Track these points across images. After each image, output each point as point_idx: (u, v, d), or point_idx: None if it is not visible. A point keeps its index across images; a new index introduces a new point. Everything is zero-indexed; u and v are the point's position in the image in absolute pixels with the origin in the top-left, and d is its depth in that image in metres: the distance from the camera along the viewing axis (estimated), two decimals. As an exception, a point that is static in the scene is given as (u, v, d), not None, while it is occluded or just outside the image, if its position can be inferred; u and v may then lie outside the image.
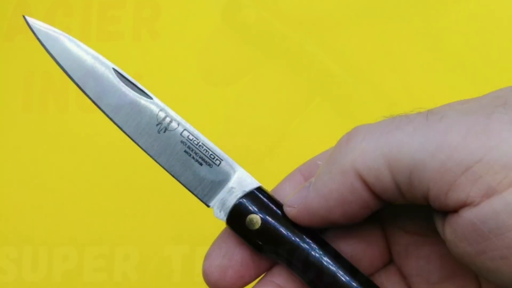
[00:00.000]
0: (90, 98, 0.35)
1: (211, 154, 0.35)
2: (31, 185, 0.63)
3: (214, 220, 0.35)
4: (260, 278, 0.36)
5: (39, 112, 0.65)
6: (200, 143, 0.35)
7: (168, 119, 0.35)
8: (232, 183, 0.35)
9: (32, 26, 0.35)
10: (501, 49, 0.60)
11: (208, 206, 0.35)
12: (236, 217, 0.34)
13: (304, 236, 0.34)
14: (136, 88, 0.35)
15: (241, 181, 0.35)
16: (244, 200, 0.34)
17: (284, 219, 0.34)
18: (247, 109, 0.64)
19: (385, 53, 0.63)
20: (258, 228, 0.34)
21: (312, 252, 0.33)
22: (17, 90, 0.66)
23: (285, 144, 0.61)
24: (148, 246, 0.60)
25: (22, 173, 0.63)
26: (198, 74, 0.65)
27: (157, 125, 0.35)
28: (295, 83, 0.64)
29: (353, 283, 0.33)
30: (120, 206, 0.62)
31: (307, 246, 0.33)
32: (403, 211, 0.35)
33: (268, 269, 0.36)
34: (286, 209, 0.34)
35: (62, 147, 0.64)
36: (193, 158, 0.35)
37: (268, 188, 0.36)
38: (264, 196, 0.35)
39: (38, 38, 0.35)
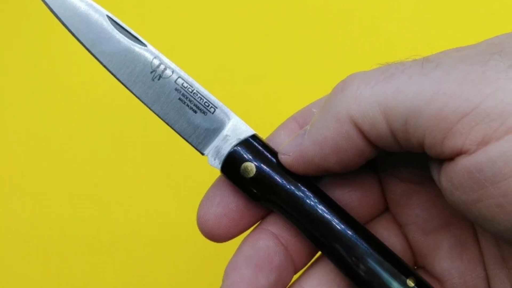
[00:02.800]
0: (84, 46, 0.35)
1: (206, 102, 0.35)
2: (25, 138, 0.63)
3: (209, 168, 0.35)
4: (255, 226, 0.36)
5: (32, 60, 0.65)
6: (194, 91, 0.35)
7: (162, 67, 0.35)
8: (226, 130, 0.35)
9: None
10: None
11: (202, 154, 0.35)
12: (231, 165, 0.34)
13: (299, 184, 0.33)
14: (130, 36, 0.35)
15: (235, 129, 0.35)
16: (239, 148, 0.34)
17: (279, 167, 0.34)
18: (242, 56, 0.63)
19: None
20: (253, 176, 0.33)
21: (307, 200, 0.33)
22: (9, 40, 0.65)
23: (280, 91, 0.61)
24: (141, 196, 0.61)
25: (15, 125, 0.63)
26: (193, 22, 0.64)
27: (151, 72, 0.35)
28: (290, 30, 0.63)
29: (348, 231, 0.33)
30: (113, 155, 0.62)
31: (302, 194, 0.33)
32: (399, 159, 0.35)
33: (263, 217, 0.36)
34: (281, 156, 0.33)
35: (55, 96, 0.64)
36: (188, 105, 0.35)
37: (263, 136, 0.36)
38: (259, 144, 0.34)
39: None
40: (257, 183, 0.34)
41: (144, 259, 0.59)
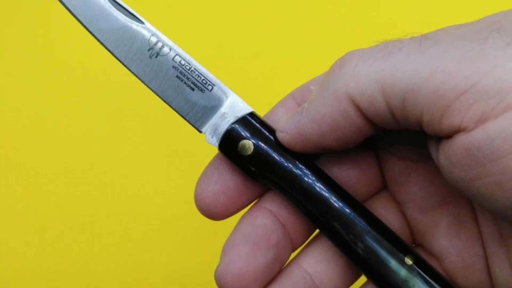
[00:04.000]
0: (81, 23, 0.35)
1: (203, 79, 0.35)
2: (22, 115, 0.63)
3: (207, 146, 0.35)
4: (252, 204, 0.36)
5: (29, 37, 0.64)
6: (192, 68, 0.35)
7: (160, 44, 0.34)
8: (224, 108, 0.34)
9: None
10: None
11: (200, 131, 0.35)
12: (229, 143, 0.34)
13: (297, 162, 0.33)
14: (127, 13, 0.35)
15: (233, 107, 0.34)
16: (237, 125, 0.34)
17: (277, 144, 0.34)
18: (240, 34, 0.63)
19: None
20: (251, 153, 0.33)
21: (305, 178, 0.33)
22: (6, 18, 0.65)
23: (278, 69, 0.61)
24: (139, 173, 0.61)
25: (12, 102, 0.63)
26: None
27: (149, 50, 0.35)
28: (289, 7, 0.63)
29: (346, 209, 0.33)
30: (111, 133, 0.62)
31: (299, 172, 0.33)
32: (397, 137, 0.35)
33: (261, 195, 0.36)
34: (279, 134, 0.33)
35: (52, 73, 0.63)
36: (185, 83, 0.34)
37: (261, 113, 0.35)
38: (257, 122, 0.34)
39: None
40: (255, 160, 0.33)
41: (142, 237, 0.59)
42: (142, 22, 0.35)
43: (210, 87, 0.35)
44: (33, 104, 0.63)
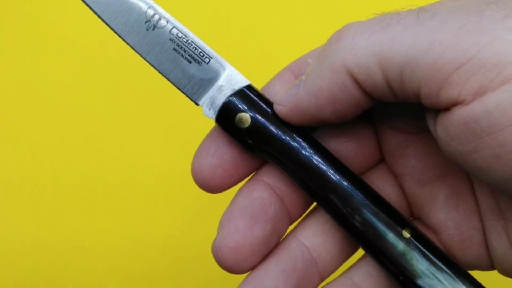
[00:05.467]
0: (77, -5, 0.34)
1: (201, 52, 0.34)
2: (19, 88, 0.63)
3: (204, 119, 0.34)
4: (250, 177, 0.36)
5: (26, 10, 0.64)
6: (189, 41, 0.34)
7: (157, 17, 0.34)
8: (221, 81, 0.34)
9: None
10: None
11: (197, 104, 0.35)
12: (226, 116, 0.34)
13: (294, 135, 0.33)
14: None
15: (230, 79, 0.34)
16: (234, 98, 0.34)
17: (274, 117, 0.33)
18: (237, 6, 0.63)
19: None
20: (248, 126, 0.33)
21: (302, 151, 0.33)
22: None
23: (276, 41, 0.61)
24: (136, 146, 0.61)
25: (9, 75, 0.63)
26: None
27: (146, 22, 0.34)
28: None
29: (344, 182, 0.33)
30: (108, 105, 0.62)
31: (297, 145, 0.33)
32: (395, 109, 0.34)
33: (258, 168, 0.36)
34: (276, 107, 0.33)
35: (49, 46, 0.63)
36: (182, 56, 0.34)
37: (258, 86, 0.35)
38: (254, 94, 0.34)
39: None
40: (252, 133, 0.33)
41: (139, 210, 0.60)
42: None
43: (207, 60, 0.34)
44: (30, 77, 0.63)
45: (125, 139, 0.61)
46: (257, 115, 0.33)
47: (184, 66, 0.34)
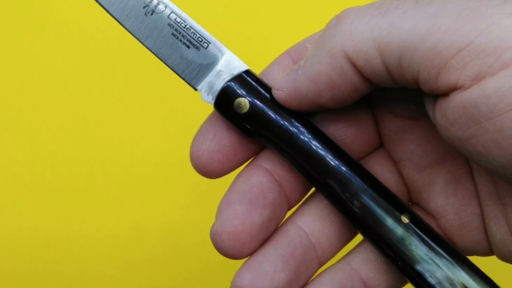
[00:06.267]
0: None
1: (199, 37, 0.34)
2: (17, 73, 0.62)
3: (202, 104, 0.34)
4: (248, 162, 0.36)
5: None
6: (187, 26, 0.34)
7: (155, 1, 0.34)
8: (220, 66, 0.34)
9: None
10: None
11: (195, 89, 0.35)
12: (224, 101, 0.34)
13: (293, 120, 0.33)
14: None
15: (229, 64, 0.34)
16: (232, 83, 0.34)
17: (273, 102, 0.33)
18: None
19: None
20: (246, 111, 0.33)
21: (301, 136, 0.33)
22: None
23: (274, 26, 0.60)
24: (134, 131, 0.61)
25: (7, 60, 0.63)
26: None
27: (144, 7, 0.34)
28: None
29: (342, 167, 0.33)
30: (106, 91, 0.62)
31: (295, 130, 0.33)
32: (393, 95, 0.34)
33: (257, 153, 0.36)
34: (275, 92, 0.33)
35: (48, 32, 0.63)
36: (181, 41, 0.34)
37: (257, 71, 0.35)
38: (252, 79, 0.34)
39: None
40: (251, 118, 0.33)
41: (137, 196, 0.60)
42: None
43: (205, 45, 0.34)
44: (28, 63, 0.63)
45: (123, 125, 0.61)
46: (255, 100, 0.33)
47: (182, 51, 0.34)
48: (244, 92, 0.33)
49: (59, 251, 0.59)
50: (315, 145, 0.33)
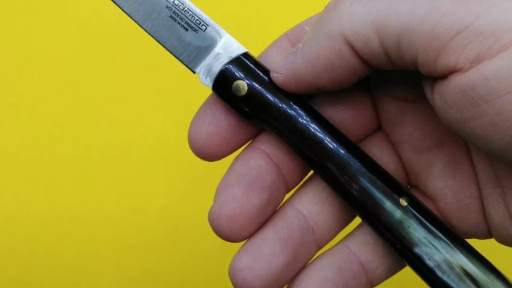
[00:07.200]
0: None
1: (197, 20, 0.34)
2: (14, 57, 0.62)
3: (200, 87, 0.34)
4: (246, 145, 0.36)
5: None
6: (186, 8, 0.34)
7: (153, -17, 0.34)
8: (218, 48, 0.34)
9: None
10: None
11: (194, 72, 0.34)
12: (222, 83, 0.34)
13: (291, 102, 0.33)
14: None
15: (227, 47, 0.34)
16: (230, 66, 0.34)
17: (271, 85, 0.33)
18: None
19: None
20: (245, 94, 0.33)
21: (299, 119, 0.33)
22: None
23: (272, 9, 0.60)
24: (132, 114, 0.61)
25: (4, 44, 0.63)
26: None
27: None
28: None
29: (341, 150, 0.33)
30: (104, 74, 0.62)
31: (294, 113, 0.33)
32: (392, 77, 0.34)
33: (255, 136, 0.36)
34: (273, 75, 0.33)
35: (45, 15, 0.63)
36: (179, 23, 0.34)
37: (255, 54, 0.35)
38: (251, 62, 0.34)
39: None
40: (249, 101, 0.33)
41: (135, 179, 0.60)
42: None
43: (203, 27, 0.34)
44: (26, 45, 0.62)
45: (121, 108, 0.61)
46: (254, 83, 0.33)
47: (180, 33, 0.34)
48: (242, 75, 0.33)
49: (56, 233, 0.59)
50: (313, 127, 0.33)
